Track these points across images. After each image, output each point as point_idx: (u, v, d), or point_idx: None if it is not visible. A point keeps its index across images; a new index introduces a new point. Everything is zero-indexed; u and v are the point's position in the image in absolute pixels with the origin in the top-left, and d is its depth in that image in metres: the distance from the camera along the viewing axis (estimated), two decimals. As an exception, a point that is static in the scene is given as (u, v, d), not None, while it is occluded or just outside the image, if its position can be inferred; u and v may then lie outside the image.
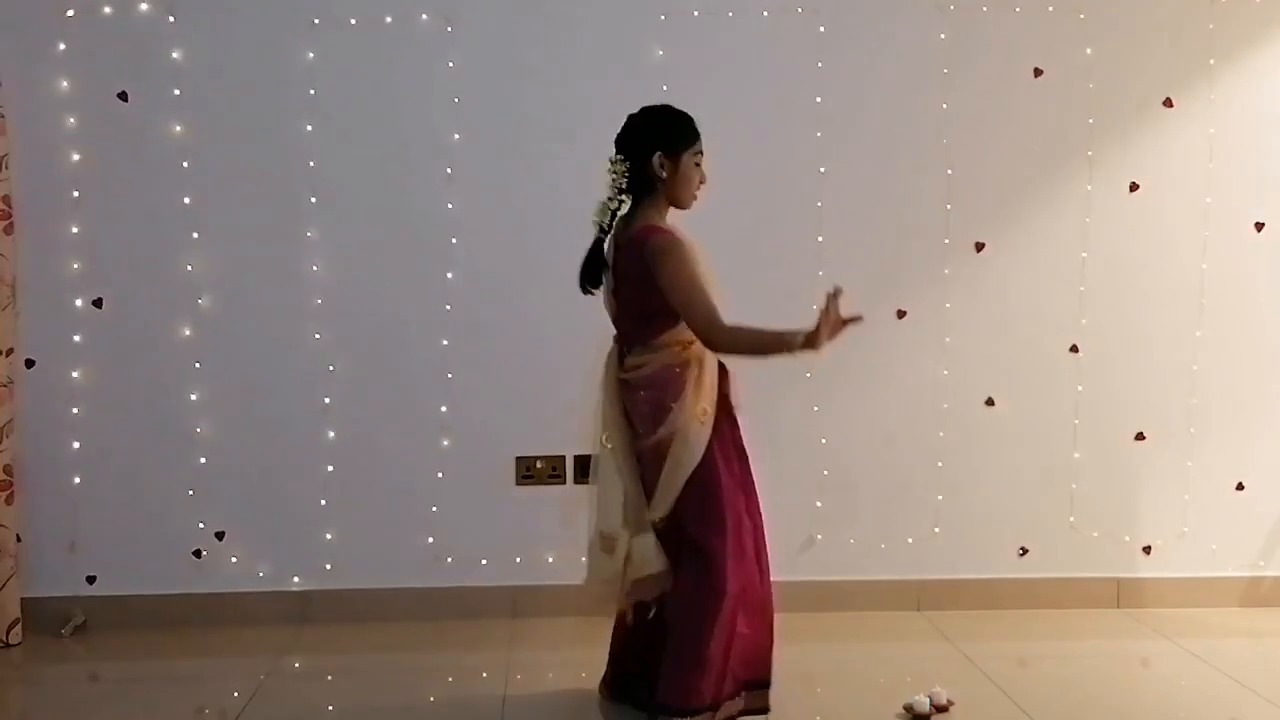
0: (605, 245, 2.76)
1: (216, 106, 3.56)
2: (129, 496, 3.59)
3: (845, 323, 2.51)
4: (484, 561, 3.69)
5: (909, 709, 2.90)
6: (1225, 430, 3.83)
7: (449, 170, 3.63)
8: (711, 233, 2.93)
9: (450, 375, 3.65)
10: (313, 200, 3.60)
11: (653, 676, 2.70)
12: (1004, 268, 3.76)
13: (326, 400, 3.63)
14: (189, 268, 3.58)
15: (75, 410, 3.56)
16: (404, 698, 3.07)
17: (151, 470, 3.60)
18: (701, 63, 3.65)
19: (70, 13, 3.50)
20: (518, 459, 3.67)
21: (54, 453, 3.55)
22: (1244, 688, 3.15)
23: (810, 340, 2.49)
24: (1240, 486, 3.84)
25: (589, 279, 2.77)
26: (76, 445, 3.57)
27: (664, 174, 2.68)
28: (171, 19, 3.54)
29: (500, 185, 3.65)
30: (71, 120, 3.52)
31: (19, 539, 3.49)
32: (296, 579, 3.67)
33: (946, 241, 3.75)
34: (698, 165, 2.70)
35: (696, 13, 3.64)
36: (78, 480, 3.57)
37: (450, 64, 3.61)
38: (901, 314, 3.76)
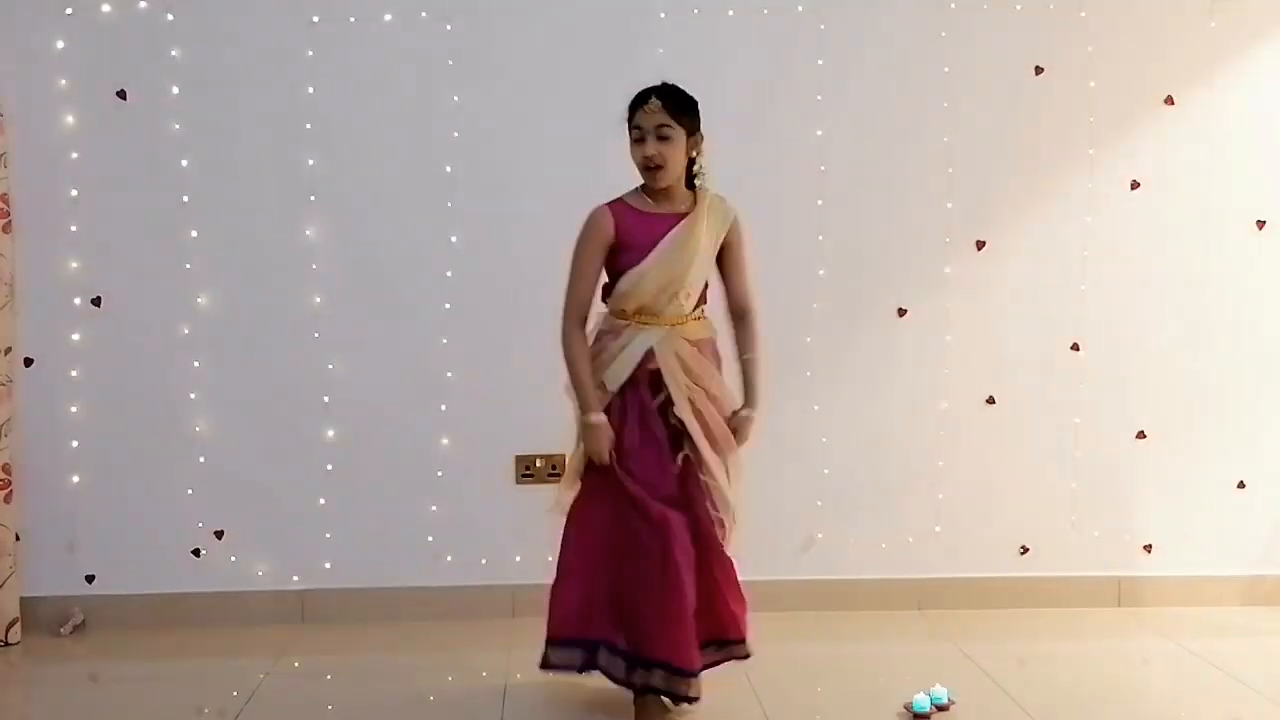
0: None
1: (215, 105, 3.56)
2: (128, 495, 3.59)
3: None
4: (484, 560, 3.68)
5: (909, 708, 2.90)
6: (1226, 429, 3.82)
7: (449, 169, 3.63)
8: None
9: (450, 374, 3.64)
10: (312, 199, 3.59)
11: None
12: (1005, 266, 3.76)
13: (326, 399, 3.63)
14: (188, 266, 3.58)
15: (74, 409, 3.56)
16: (404, 697, 3.07)
17: (150, 469, 3.59)
18: (702, 61, 3.63)
19: (69, 10, 3.50)
20: (517, 458, 3.66)
21: (53, 452, 3.55)
22: (1245, 686, 3.14)
23: (590, 432, 2.72)
24: (1241, 485, 3.84)
25: None
26: (75, 444, 3.56)
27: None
28: (170, 17, 3.53)
29: (500, 184, 3.64)
30: (70, 118, 3.52)
31: (18, 538, 3.48)
32: (296, 578, 3.66)
33: (947, 240, 3.74)
34: (635, 141, 2.73)
35: (697, 10, 3.64)
36: (76, 479, 3.57)
37: (450, 62, 3.60)
38: (902, 312, 3.75)
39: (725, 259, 2.85)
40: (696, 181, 2.77)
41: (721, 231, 2.80)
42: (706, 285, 2.86)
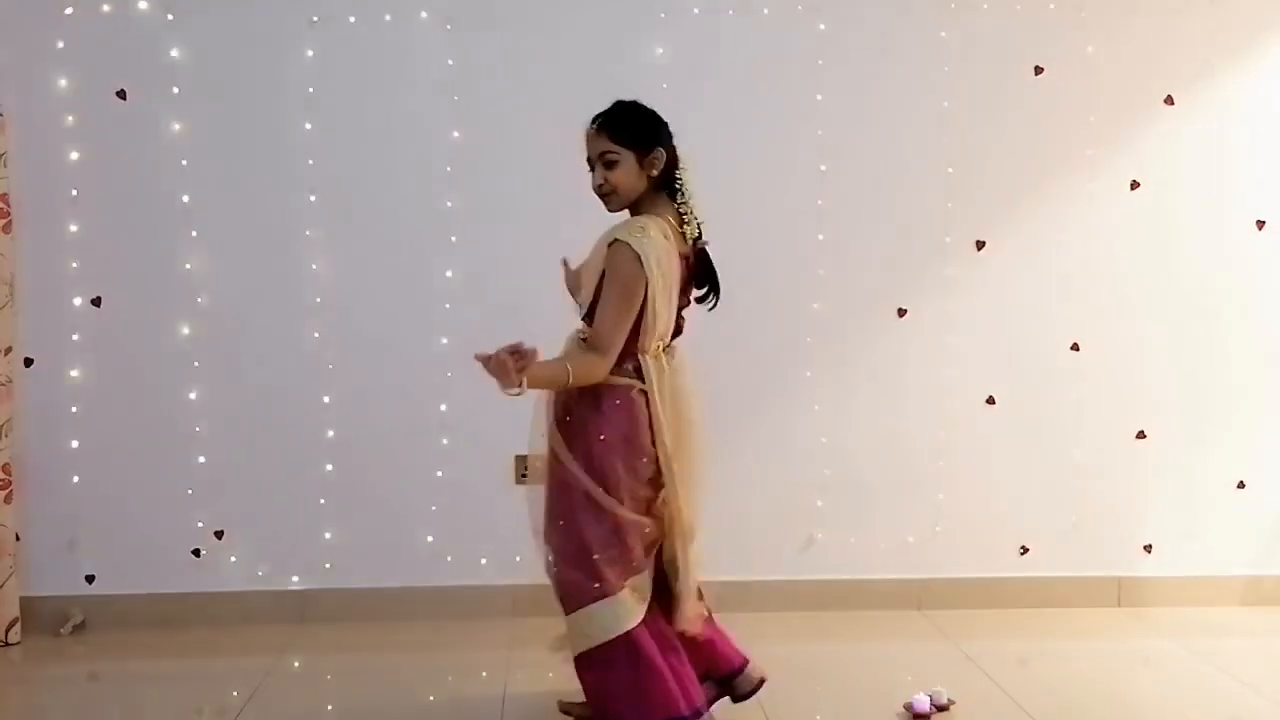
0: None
1: (215, 105, 3.56)
2: (128, 495, 3.58)
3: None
4: (483, 561, 3.68)
5: (909, 708, 2.90)
6: (1226, 429, 3.82)
7: (448, 169, 3.63)
8: (711, 230, 2.92)
9: (450, 374, 3.64)
10: (311, 199, 3.59)
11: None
12: (1005, 266, 3.75)
13: (325, 399, 3.63)
14: (188, 266, 3.58)
15: (74, 409, 3.56)
16: (404, 698, 3.07)
17: (150, 469, 3.59)
18: (702, 61, 3.64)
19: (69, 10, 3.50)
20: (517, 458, 3.66)
21: (53, 452, 3.55)
22: (1245, 687, 3.14)
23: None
24: (1241, 485, 3.84)
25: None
26: (75, 444, 3.56)
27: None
28: (170, 17, 3.53)
29: (499, 184, 3.64)
30: (70, 118, 3.52)
31: (18, 538, 3.48)
32: (296, 578, 3.66)
33: (947, 240, 3.74)
34: (590, 170, 2.61)
35: (697, 10, 3.64)
36: (76, 479, 3.57)
37: (450, 62, 3.60)
38: (902, 313, 3.75)
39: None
40: (678, 200, 2.59)
41: (600, 258, 2.54)
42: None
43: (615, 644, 2.53)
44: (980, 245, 3.75)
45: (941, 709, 2.91)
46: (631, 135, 2.55)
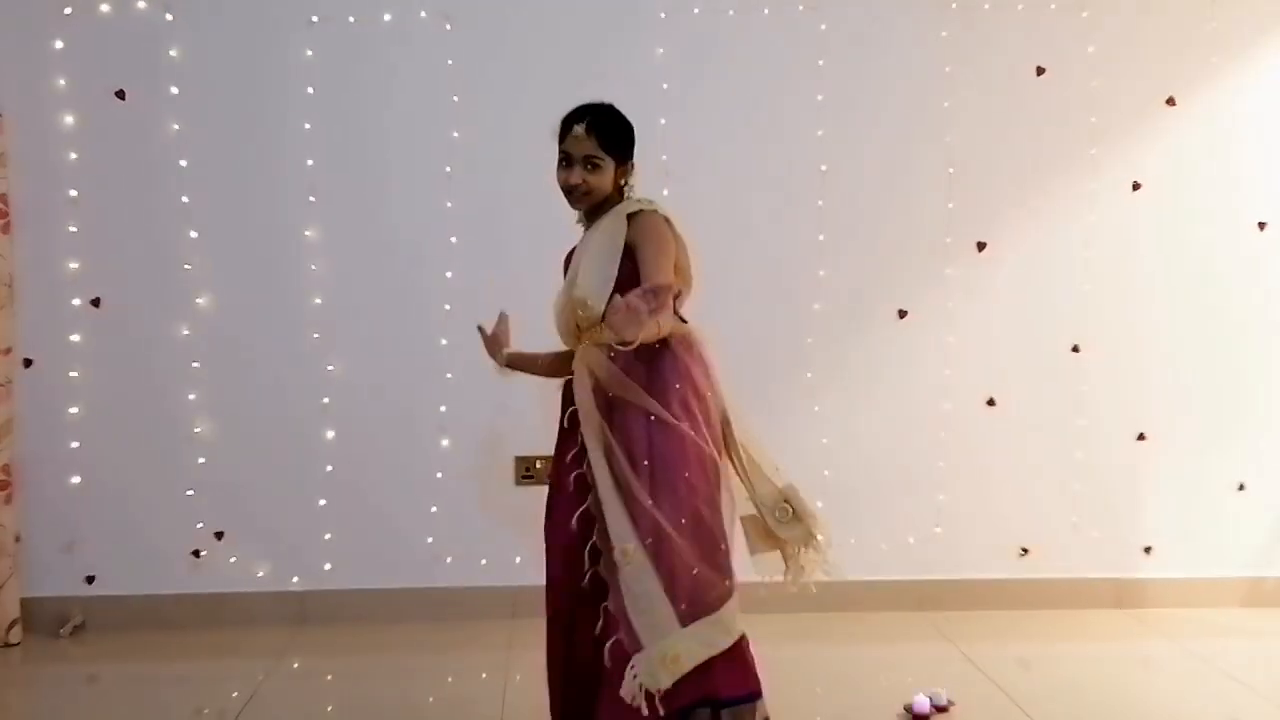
0: None
1: (214, 105, 3.55)
2: (127, 496, 3.58)
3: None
4: (483, 562, 3.68)
5: (909, 709, 2.90)
6: (1227, 430, 3.82)
7: (448, 169, 3.62)
8: (712, 230, 2.92)
9: (450, 375, 3.64)
10: (311, 199, 3.59)
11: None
12: (1006, 267, 3.75)
13: (325, 400, 3.62)
14: (187, 267, 3.57)
15: (74, 410, 3.55)
16: (403, 699, 3.07)
17: (150, 470, 3.59)
18: (702, 61, 3.63)
19: (68, 11, 3.49)
20: (517, 459, 3.66)
21: (52, 452, 3.54)
22: (1245, 688, 3.14)
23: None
24: (1241, 487, 3.83)
25: None
26: (75, 445, 3.56)
27: None
28: (169, 17, 3.53)
29: (499, 184, 3.64)
30: (69, 119, 3.51)
31: (18, 539, 3.48)
32: (295, 579, 3.66)
33: (948, 241, 3.74)
34: (561, 165, 2.56)
35: (697, 10, 3.63)
36: (76, 480, 3.57)
37: (449, 62, 3.60)
38: (903, 314, 3.75)
39: (635, 257, 2.44)
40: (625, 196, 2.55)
41: (618, 232, 2.47)
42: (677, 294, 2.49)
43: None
44: (981, 246, 3.75)
45: (941, 710, 2.92)
46: (618, 145, 2.57)
